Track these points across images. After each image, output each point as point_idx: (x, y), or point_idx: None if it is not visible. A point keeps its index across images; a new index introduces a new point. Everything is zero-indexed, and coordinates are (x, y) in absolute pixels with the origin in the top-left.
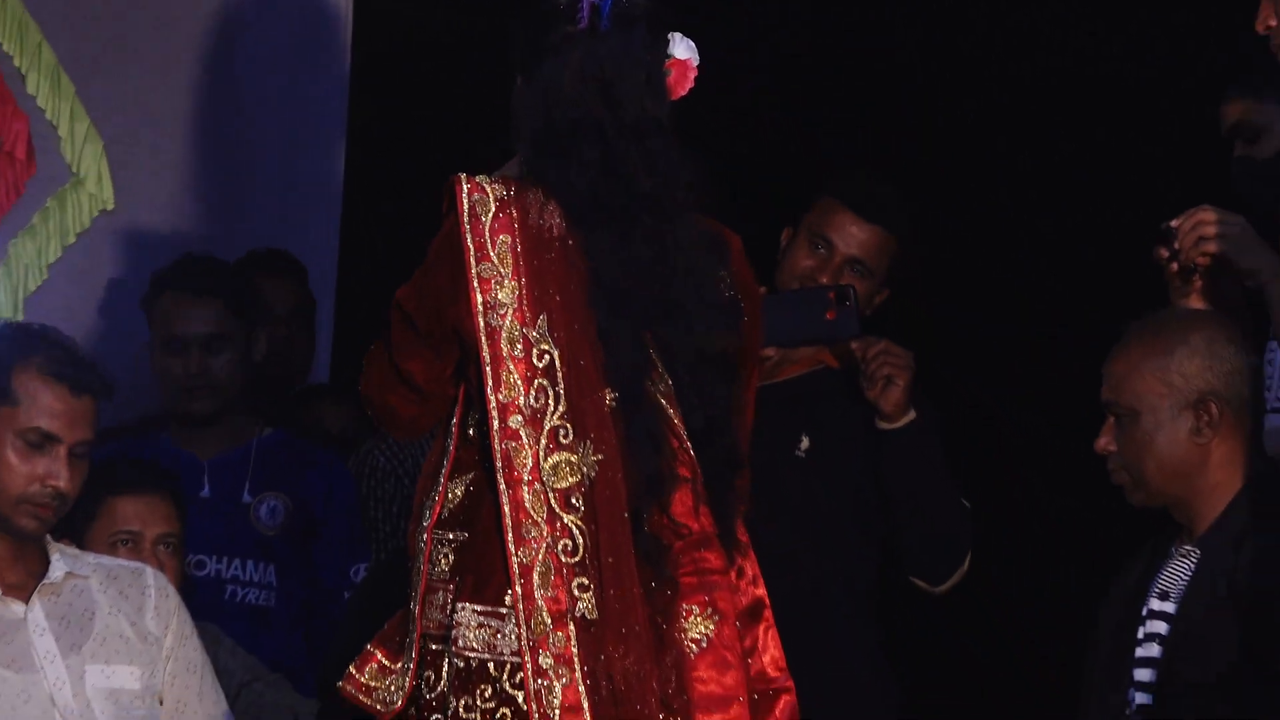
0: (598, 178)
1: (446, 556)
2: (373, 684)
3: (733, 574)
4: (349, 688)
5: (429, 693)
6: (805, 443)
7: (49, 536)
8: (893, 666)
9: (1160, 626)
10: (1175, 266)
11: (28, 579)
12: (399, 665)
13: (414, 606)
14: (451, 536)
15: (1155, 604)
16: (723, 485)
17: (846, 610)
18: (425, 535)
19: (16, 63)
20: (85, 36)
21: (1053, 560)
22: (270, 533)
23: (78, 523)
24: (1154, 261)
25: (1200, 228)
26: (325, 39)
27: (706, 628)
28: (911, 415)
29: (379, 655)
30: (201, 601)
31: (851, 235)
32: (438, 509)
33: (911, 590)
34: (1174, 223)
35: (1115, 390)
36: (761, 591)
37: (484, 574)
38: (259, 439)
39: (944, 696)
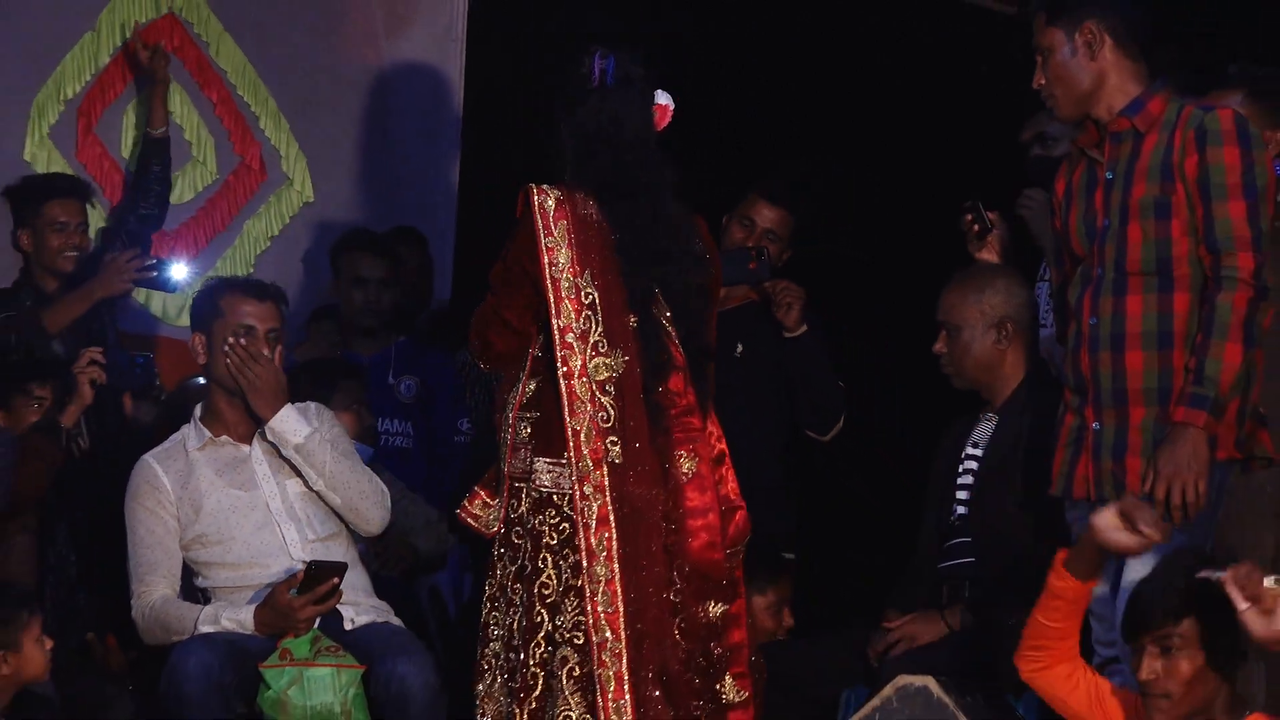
0: (611, 175)
1: (526, 428)
2: (479, 513)
3: (706, 431)
4: (463, 515)
5: (514, 514)
6: (740, 348)
7: None
8: (795, 493)
9: (973, 465)
10: (977, 228)
11: (250, 429)
12: (495, 501)
13: (503, 463)
14: (529, 415)
15: (970, 450)
16: (699, 371)
17: (766, 453)
18: (511, 416)
19: (253, 108)
20: (291, 88)
21: (904, 422)
22: (407, 401)
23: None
24: (961, 226)
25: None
26: (445, 88)
27: (691, 466)
28: (804, 328)
29: (482, 494)
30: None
31: (766, 216)
32: (520, 399)
33: (807, 440)
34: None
35: (946, 314)
36: (723, 445)
37: (550, 437)
38: (396, 343)
39: (831, 518)
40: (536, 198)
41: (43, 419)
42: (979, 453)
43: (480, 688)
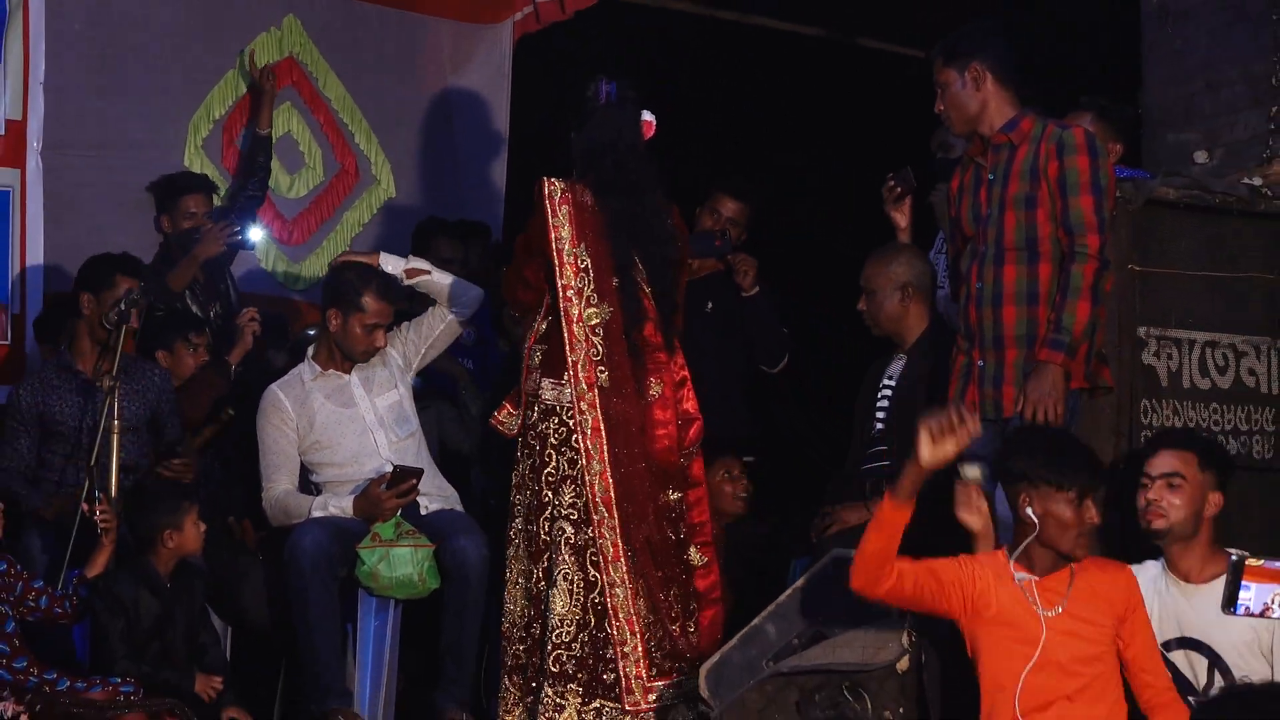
0: (612, 174)
1: (536, 357)
2: (504, 420)
3: (671, 363)
4: (493, 421)
5: (529, 421)
6: (709, 305)
7: None
8: (756, 411)
9: (888, 393)
10: (899, 190)
11: (350, 365)
12: (518, 411)
13: (522, 381)
14: (540, 347)
15: (886, 381)
16: (668, 321)
17: (732, 382)
18: (528, 347)
19: (350, 127)
20: (380, 111)
21: (835, 363)
22: (469, 344)
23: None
24: (884, 190)
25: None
26: (496, 110)
27: (658, 389)
28: (757, 289)
29: (508, 406)
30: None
31: (728, 207)
32: (535, 335)
33: (761, 374)
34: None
35: (865, 280)
36: (686, 373)
37: (554, 364)
38: None
39: (785, 431)
40: (546, 188)
41: (213, 359)
42: (892, 383)
43: (510, 551)
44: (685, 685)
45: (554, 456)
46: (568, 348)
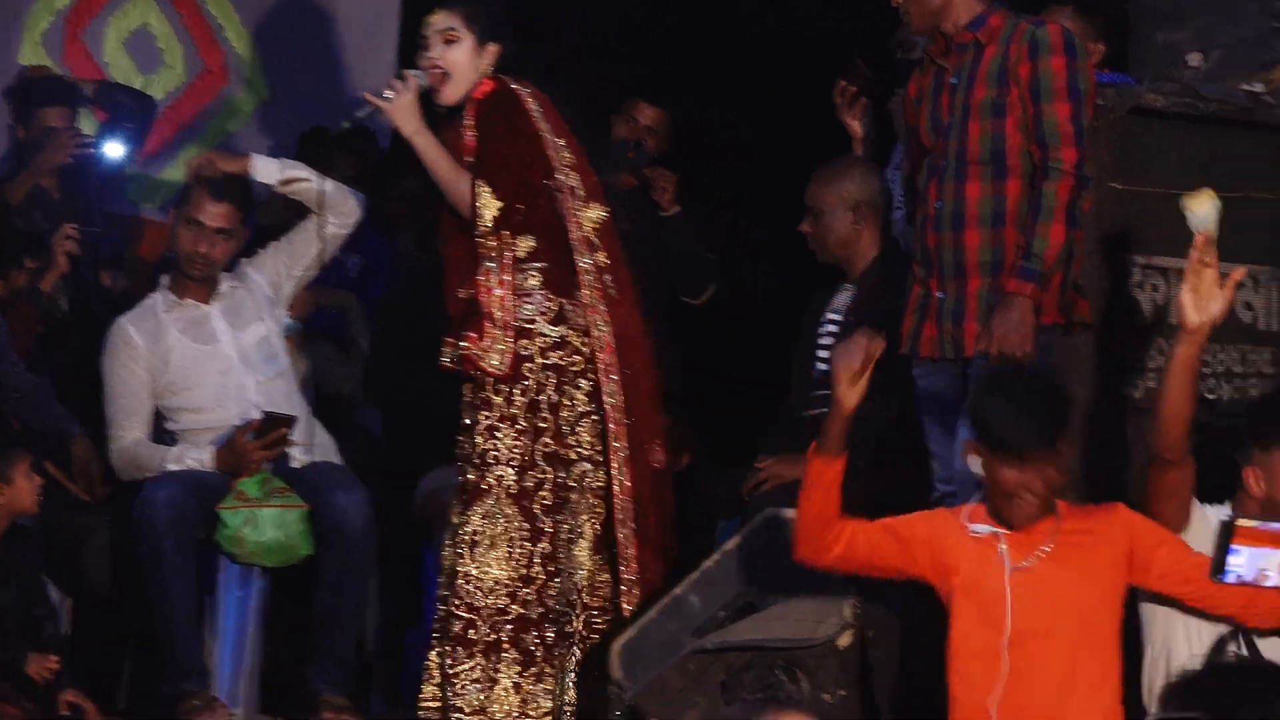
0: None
1: (531, 279)
2: (483, 354)
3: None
4: (464, 364)
5: (522, 353)
6: (625, 228)
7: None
8: (679, 350)
9: (833, 328)
10: (854, 89)
11: (209, 292)
12: (490, 343)
13: (499, 311)
14: (534, 267)
15: (830, 315)
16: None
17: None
18: (499, 277)
19: (218, 19)
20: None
21: (771, 294)
22: (353, 275)
23: None
24: (834, 92)
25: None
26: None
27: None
28: (677, 209)
29: (474, 337)
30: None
31: (646, 114)
32: (511, 259)
33: (684, 307)
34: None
35: (813, 198)
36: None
37: (559, 282)
38: None
39: (716, 374)
40: (515, 86)
41: (24, 285)
42: (838, 318)
43: (478, 508)
44: None
45: (569, 390)
46: (579, 257)
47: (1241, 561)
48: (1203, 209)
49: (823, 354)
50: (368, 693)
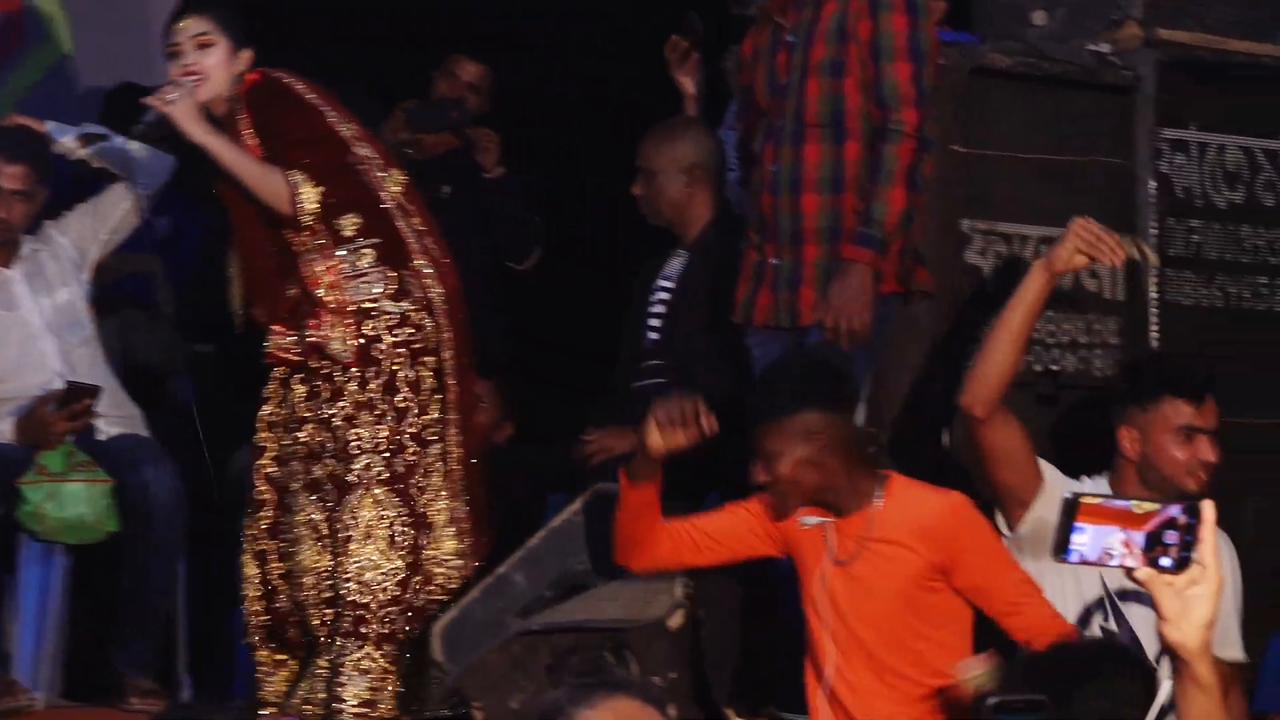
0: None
1: (364, 258)
2: (332, 341)
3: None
4: (286, 351)
5: (369, 334)
6: (446, 190)
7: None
8: (505, 319)
9: (665, 295)
10: (684, 46)
11: (9, 254)
12: (330, 328)
13: (326, 293)
14: (367, 242)
15: (662, 282)
16: None
17: (472, 285)
18: (327, 259)
19: None
20: None
21: (600, 259)
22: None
23: None
24: (666, 47)
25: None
26: None
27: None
28: (502, 170)
29: (280, 328)
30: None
31: (468, 71)
32: (333, 239)
33: (509, 272)
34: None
35: (645, 159)
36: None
37: (392, 255)
38: None
39: (543, 343)
40: (282, 75)
41: None
42: (670, 284)
43: (352, 501)
44: None
45: (419, 368)
46: (400, 225)
47: (1085, 540)
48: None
49: (654, 322)
50: (177, 677)
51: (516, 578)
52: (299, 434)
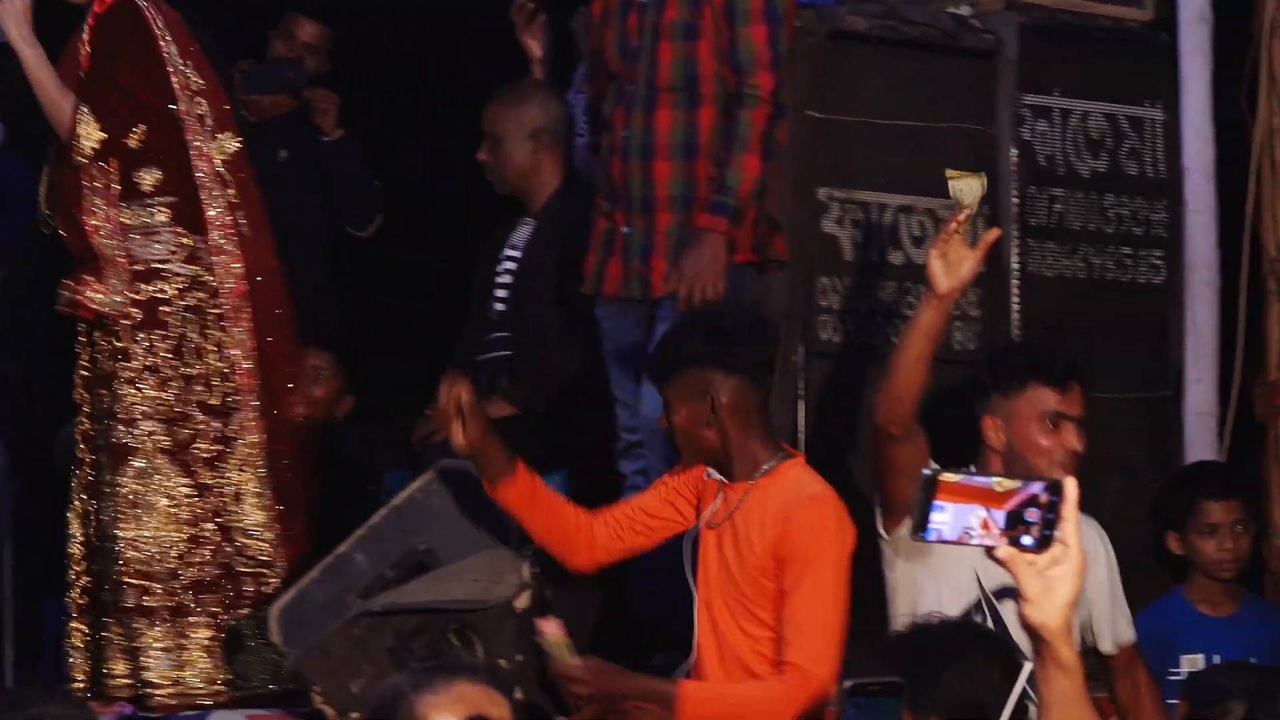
0: None
1: (159, 214)
2: (100, 299)
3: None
4: (85, 301)
5: (157, 295)
6: (284, 154)
7: None
8: (345, 289)
9: (511, 265)
10: (530, 7)
11: None
12: (106, 286)
13: (129, 251)
14: (163, 201)
15: (509, 252)
16: None
17: (312, 253)
18: (116, 212)
19: None
20: None
21: (444, 227)
22: None
23: None
24: (512, 9)
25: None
26: None
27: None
28: (340, 133)
29: (92, 282)
30: None
31: (305, 30)
32: (134, 191)
33: (349, 239)
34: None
35: (491, 124)
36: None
37: (188, 216)
38: None
39: (384, 315)
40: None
41: None
42: (517, 254)
43: (132, 467)
44: None
45: (212, 334)
46: (203, 191)
47: (945, 519)
48: (968, 184)
49: (500, 293)
50: (1, 662)
51: (357, 557)
52: (102, 391)
